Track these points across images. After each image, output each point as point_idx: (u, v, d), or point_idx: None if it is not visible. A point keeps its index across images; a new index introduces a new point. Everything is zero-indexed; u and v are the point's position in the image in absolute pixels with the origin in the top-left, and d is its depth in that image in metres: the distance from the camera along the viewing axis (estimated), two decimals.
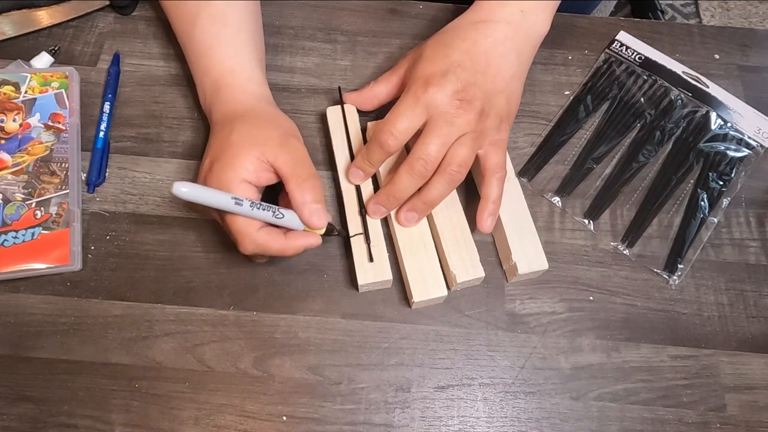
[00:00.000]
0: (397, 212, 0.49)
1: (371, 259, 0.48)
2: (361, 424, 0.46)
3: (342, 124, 0.53)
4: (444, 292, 0.47)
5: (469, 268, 0.48)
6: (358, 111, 0.54)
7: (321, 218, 0.44)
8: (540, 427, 0.46)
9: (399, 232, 0.49)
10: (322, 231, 0.46)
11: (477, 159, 0.48)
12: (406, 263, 0.48)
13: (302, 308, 0.49)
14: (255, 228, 0.43)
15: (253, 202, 0.42)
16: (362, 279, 0.47)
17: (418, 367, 0.48)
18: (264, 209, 0.43)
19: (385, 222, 0.52)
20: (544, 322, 0.50)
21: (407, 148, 0.50)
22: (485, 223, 0.47)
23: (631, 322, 0.50)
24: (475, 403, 0.47)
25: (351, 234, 0.49)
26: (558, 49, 0.61)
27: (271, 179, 0.45)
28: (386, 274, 0.48)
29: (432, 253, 0.49)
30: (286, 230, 0.45)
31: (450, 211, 0.50)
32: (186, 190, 0.39)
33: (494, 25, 0.48)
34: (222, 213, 0.43)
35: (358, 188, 0.50)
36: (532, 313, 0.50)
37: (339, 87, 0.55)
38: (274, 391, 0.47)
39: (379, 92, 0.53)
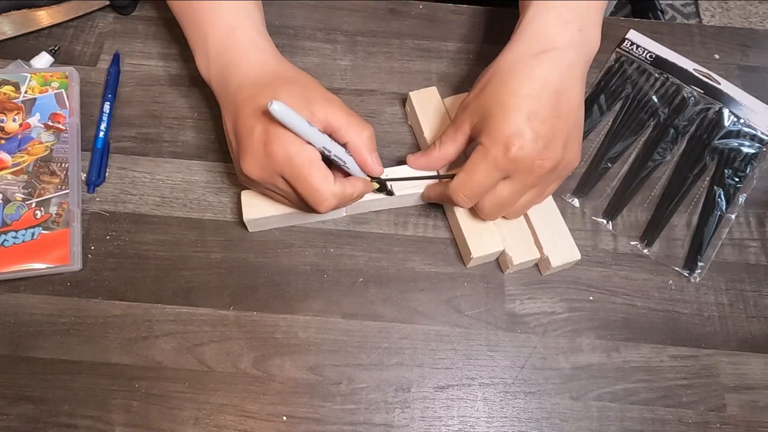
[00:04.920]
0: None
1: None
2: (361, 424, 0.46)
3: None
4: (500, 246, 0.49)
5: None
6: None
7: (380, 165, 0.47)
8: (540, 427, 0.46)
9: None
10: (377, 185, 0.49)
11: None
12: (460, 220, 0.49)
13: (302, 308, 0.49)
14: (331, 181, 0.43)
15: (330, 136, 0.44)
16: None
17: (418, 367, 0.48)
18: (338, 144, 0.44)
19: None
20: (544, 322, 0.50)
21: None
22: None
23: (631, 322, 0.50)
24: (475, 403, 0.47)
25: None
26: None
27: None
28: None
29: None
30: (345, 175, 0.47)
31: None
32: (279, 108, 0.38)
33: (558, 53, 0.44)
34: (299, 172, 0.42)
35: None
36: (532, 313, 0.50)
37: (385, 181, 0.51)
38: (274, 391, 0.47)
39: (447, 153, 0.48)
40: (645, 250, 0.53)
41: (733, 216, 0.54)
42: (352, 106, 0.50)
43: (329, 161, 0.44)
